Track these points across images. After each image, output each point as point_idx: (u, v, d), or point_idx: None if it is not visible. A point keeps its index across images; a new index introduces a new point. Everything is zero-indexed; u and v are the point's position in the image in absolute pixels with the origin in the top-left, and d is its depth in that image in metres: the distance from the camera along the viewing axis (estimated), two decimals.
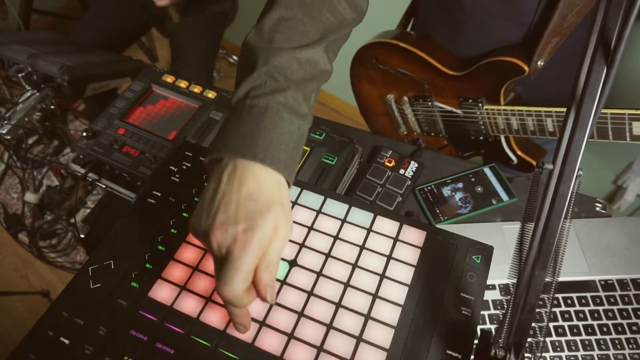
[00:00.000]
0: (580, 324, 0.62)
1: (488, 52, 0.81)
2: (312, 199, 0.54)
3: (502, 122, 0.84)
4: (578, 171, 0.33)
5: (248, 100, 0.41)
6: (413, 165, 0.74)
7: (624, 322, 0.62)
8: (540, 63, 0.74)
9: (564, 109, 0.74)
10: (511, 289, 0.36)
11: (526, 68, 0.75)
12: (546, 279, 0.35)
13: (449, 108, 0.91)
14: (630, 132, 0.69)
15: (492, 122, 0.85)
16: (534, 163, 0.88)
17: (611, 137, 0.71)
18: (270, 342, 0.43)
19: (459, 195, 0.74)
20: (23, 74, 1.00)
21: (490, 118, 0.85)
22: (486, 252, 0.49)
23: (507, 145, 0.88)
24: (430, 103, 0.93)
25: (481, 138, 0.91)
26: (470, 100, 0.86)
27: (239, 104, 0.42)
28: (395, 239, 0.50)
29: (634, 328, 0.61)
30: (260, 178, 0.39)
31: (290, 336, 0.44)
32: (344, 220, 0.52)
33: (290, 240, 0.50)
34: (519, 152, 0.88)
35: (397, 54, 0.91)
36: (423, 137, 1.02)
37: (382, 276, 0.47)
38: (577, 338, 0.61)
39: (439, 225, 0.71)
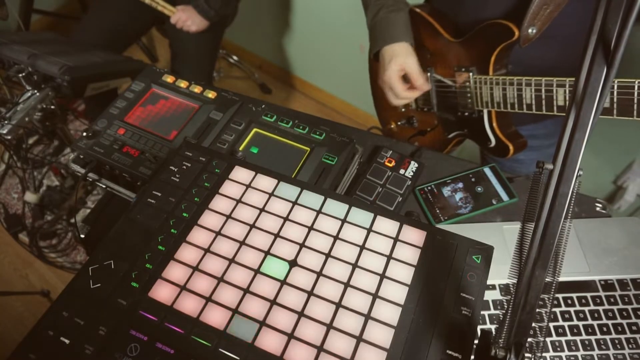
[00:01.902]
0: (580, 323, 0.62)
1: (485, 19, 0.83)
2: (312, 199, 0.54)
3: (487, 93, 0.85)
4: (578, 171, 0.33)
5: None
6: (413, 165, 0.74)
7: (624, 322, 0.62)
8: (531, 31, 0.74)
9: (544, 78, 0.75)
10: (511, 289, 0.36)
11: (516, 31, 0.76)
12: (546, 279, 0.35)
13: (444, 79, 0.93)
14: (638, 104, 0.65)
15: (478, 92, 0.87)
16: (511, 147, 0.90)
17: (615, 112, 0.68)
18: (270, 342, 0.43)
19: (459, 195, 0.74)
20: (23, 74, 1.00)
21: (477, 88, 0.87)
22: (486, 252, 0.49)
23: (489, 125, 0.90)
24: (429, 74, 0.95)
25: (466, 114, 0.93)
26: (463, 69, 0.89)
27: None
28: (395, 239, 0.50)
29: (634, 328, 0.61)
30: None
31: (290, 336, 0.44)
32: (344, 220, 0.52)
33: (290, 240, 0.50)
34: (498, 133, 0.90)
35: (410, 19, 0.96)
36: (417, 113, 1.05)
37: (382, 276, 0.48)
38: (577, 338, 0.61)
39: (439, 225, 0.71)
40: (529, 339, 0.36)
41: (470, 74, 0.87)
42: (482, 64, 0.85)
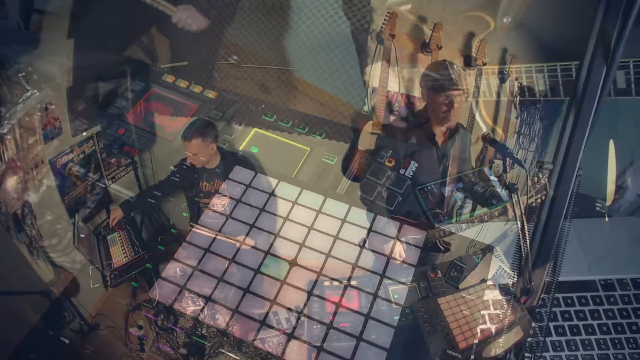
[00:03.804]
0: (580, 323, 0.62)
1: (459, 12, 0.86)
2: (312, 199, 0.54)
3: (471, 83, 0.88)
4: (578, 171, 0.34)
5: None
6: (413, 165, 0.74)
7: (624, 321, 0.62)
8: (506, 20, 0.78)
9: (523, 65, 0.79)
10: (511, 288, 0.36)
11: (492, 22, 0.79)
12: (546, 279, 0.35)
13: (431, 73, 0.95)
14: (614, 85, 0.69)
15: (464, 83, 0.90)
16: (501, 133, 0.92)
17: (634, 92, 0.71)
18: (270, 342, 0.43)
19: (459, 195, 0.74)
20: (23, 73, 1.00)
21: (463, 80, 0.89)
22: (486, 252, 0.49)
23: (478, 114, 0.92)
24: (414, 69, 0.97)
25: (456, 105, 0.95)
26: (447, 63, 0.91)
27: None
28: (395, 239, 0.50)
29: (634, 328, 0.61)
30: None
31: (290, 336, 0.44)
32: (344, 220, 0.52)
33: (290, 240, 0.50)
34: (487, 120, 0.92)
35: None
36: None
37: (383, 276, 0.48)
38: (577, 338, 0.61)
39: (439, 225, 0.71)
40: (529, 339, 0.36)
41: (454, 66, 0.90)
42: (464, 58, 0.88)
